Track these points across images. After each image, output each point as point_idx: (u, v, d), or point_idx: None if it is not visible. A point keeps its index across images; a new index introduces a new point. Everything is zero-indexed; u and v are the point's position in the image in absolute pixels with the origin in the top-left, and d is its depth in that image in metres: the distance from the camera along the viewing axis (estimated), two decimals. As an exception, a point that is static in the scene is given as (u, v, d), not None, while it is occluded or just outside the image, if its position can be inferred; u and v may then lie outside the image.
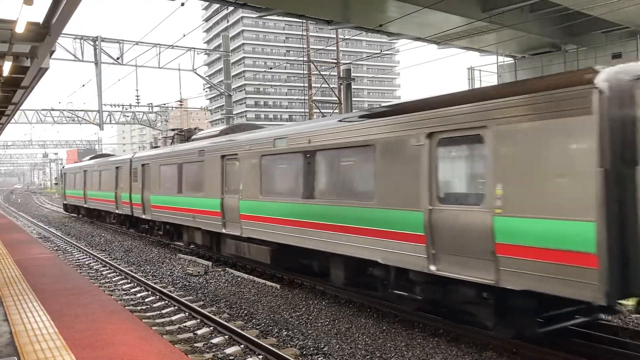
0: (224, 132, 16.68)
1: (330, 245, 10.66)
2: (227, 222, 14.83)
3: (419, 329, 9.35)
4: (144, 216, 21.60)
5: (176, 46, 31.97)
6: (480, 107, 7.55)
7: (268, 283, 13.39)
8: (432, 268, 8.22)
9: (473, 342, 8.52)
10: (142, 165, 21.63)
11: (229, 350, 8.57)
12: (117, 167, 24.91)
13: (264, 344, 8.38)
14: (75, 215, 37.42)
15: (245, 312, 10.94)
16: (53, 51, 10.37)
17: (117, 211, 25.13)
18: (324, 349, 8.47)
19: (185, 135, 21.96)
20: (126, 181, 23.32)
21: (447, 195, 8.28)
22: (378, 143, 9.37)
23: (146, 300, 12.41)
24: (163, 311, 11.34)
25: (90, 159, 33.07)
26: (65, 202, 39.05)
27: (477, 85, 27.97)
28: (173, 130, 23.58)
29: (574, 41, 24.84)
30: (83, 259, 18.75)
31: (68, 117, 46.67)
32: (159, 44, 32.51)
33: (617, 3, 18.32)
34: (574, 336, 8.34)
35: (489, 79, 28.63)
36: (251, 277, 14.31)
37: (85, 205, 32.34)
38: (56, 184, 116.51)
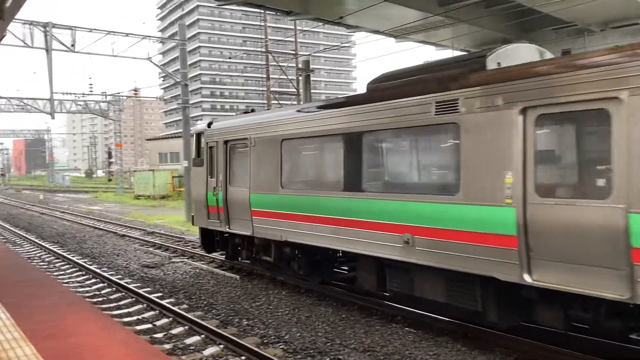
0: None
1: None
2: None
3: (377, 316, 9.57)
4: None
5: (131, 34, 31.21)
6: None
7: (227, 274, 13.39)
8: None
9: (429, 327, 8.79)
10: None
11: (189, 341, 8.57)
12: None
13: (224, 334, 8.44)
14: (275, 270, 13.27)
15: (205, 302, 10.94)
16: (3, 36, 10.09)
17: None
18: (285, 337, 8.59)
19: None
20: None
21: None
22: None
23: (102, 292, 12.22)
24: (120, 303, 11.19)
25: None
26: (244, 232, 12.03)
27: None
28: None
29: (526, 37, 25.53)
30: (34, 251, 18.26)
31: (16, 105, 45.10)
32: (113, 32, 31.65)
33: (567, 2, 18.95)
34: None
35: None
36: (210, 267, 14.26)
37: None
38: (2, 174, 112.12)
